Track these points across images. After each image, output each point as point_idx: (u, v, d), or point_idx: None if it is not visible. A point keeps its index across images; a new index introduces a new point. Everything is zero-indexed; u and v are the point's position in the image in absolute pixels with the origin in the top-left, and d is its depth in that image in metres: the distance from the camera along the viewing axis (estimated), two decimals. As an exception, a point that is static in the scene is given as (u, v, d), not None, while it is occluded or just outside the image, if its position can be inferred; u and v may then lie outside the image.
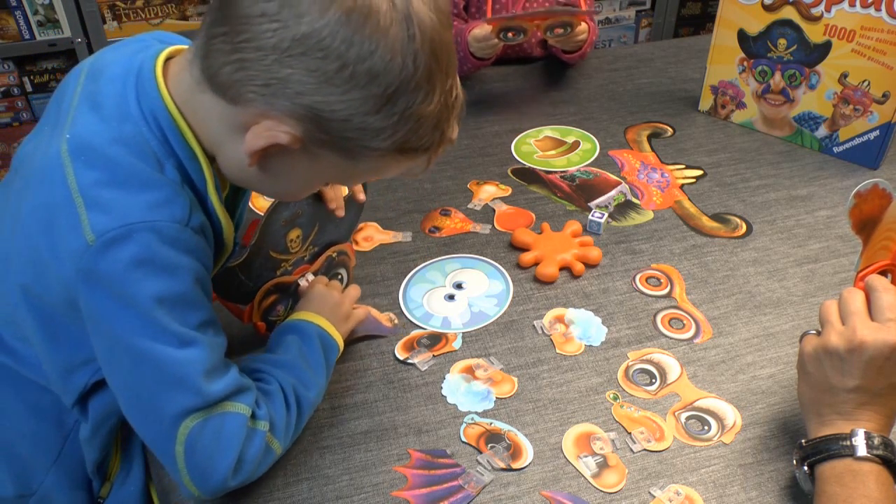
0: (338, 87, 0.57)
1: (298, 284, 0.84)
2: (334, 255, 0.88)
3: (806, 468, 0.65)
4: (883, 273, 0.70)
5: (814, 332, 0.69)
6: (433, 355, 0.84)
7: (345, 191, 0.87)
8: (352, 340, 0.85)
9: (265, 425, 0.66)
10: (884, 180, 0.72)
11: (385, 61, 0.56)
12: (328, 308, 0.79)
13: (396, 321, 0.89)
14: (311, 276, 0.85)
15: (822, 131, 1.21)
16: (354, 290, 0.85)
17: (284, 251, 0.81)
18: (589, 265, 0.97)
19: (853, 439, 0.62)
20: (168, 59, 0.66)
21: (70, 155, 0.61)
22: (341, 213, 0.85)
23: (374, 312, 0.88)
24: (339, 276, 0.91)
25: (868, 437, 0.62)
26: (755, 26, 1.19)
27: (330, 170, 0.65)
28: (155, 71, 0.64)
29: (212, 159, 0.66)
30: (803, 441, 0.66)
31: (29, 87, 2.11)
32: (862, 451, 0.61)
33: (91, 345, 0.64)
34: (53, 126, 0.65)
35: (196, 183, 0.65)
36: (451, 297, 0.92)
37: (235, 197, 0.77)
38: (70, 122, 0.63)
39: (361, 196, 0.88)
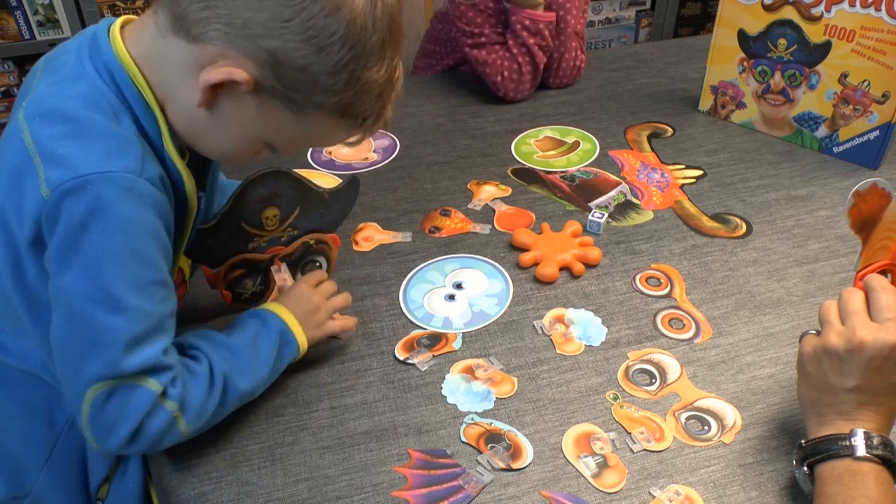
0: (299, 35, 0.60)
1: (270, 267, 0.86)
2: (312, 242, 0.89)
3: (805, 468, 0.65)
4: (882, 273, 0.70)
5: (813, 332, 0.69)
6: (433, 355, 0.84)
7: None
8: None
9: (174, 406, 0.66)
10: (883, 180, 0.72)
11: (347, 20, 0.60)
12: (303, 310, 0.79)
13: (359, 322, 0.87)
14: (284, 266, 0.87)
15: (822, 131, 1.21)
16: (342, 300, 0.84)
17: (258, 226, 0.82)
18: (589, 265, 0.97)
19: (852, 439, 0.62)
20: (126, 25, 0.68)
21: (26, 119, 0.62)
22: None
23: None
24: (318, 264, 0.92)
25: (867, 436, 0.62)
26: (755, 26, 1.20)
27: (274, 123, 0.67)
28: (110, 31, 0.66)
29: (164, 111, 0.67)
30: (803, 441, 0.66)
31: (29, 88, 2.11)
32: (861, 451, 0.61)
33: None
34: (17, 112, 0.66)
35: (151, 135, 0.66)
36: (452, 298, 0.92)
37: (203, 160, 0.77)
38: (30, 96, 0.65)
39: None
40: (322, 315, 0.80)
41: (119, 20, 0.68)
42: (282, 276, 0.86)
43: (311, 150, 1.22)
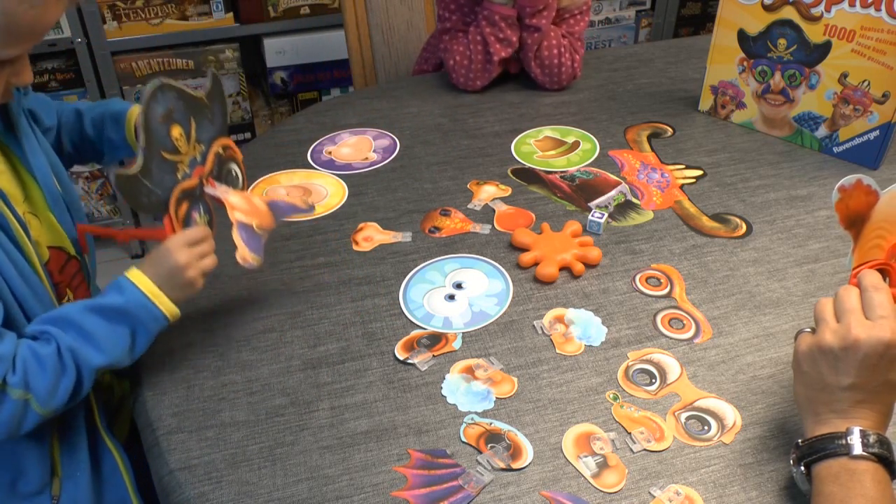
0: None
1: (203, 188, 0.84)
2: (221, 150, 0.88)
3: (803, 468, 0.65)
4: (879, 272, 0.70)
5: (808, 329, 0.69)
6: (433, 355, 0.84)
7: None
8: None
9: (19, 392, 0.68)
10: (868, 177, 0.72)
11: None
12: (167, 270, 0.77)
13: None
14: (217, 184, 0.86)
15: (822, 131, 1.21)
16: (209, 262, 0.80)
17: (174, 151, 0.81)
18: (589, 265, 0.97)
19: (849, 438, 0.62)
20: None
21: None
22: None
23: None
24: (234, 174, 0.91)
25: (864, 435, 0.62)
26: (755, 26, 1.20)
27: None
28: None
29: None
30: (800, 441, 0.66)
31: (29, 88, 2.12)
32: (858, 449, 0.61)
33: None
34: None
35: None
36: (452, 298, 0.92)
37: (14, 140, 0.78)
38: None
39: None
40: (193, 272, 0.78)
41: None
42: (220, 189, 0.85)
43: (311, 150, 1.22)
